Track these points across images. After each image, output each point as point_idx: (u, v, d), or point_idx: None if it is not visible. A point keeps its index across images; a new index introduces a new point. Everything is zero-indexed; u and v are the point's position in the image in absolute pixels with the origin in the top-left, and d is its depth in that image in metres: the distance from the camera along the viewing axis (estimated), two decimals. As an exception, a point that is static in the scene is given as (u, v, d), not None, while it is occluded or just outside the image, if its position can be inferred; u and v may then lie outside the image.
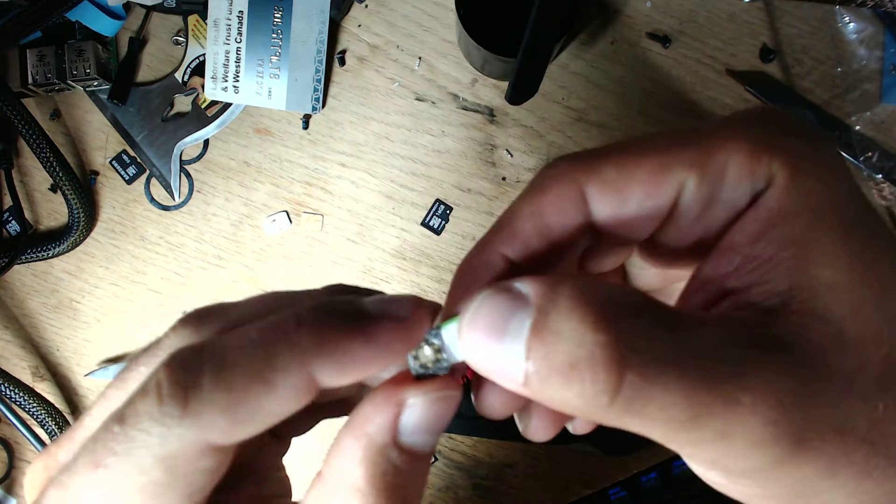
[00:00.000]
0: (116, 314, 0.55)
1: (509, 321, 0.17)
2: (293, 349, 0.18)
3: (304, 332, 0.18)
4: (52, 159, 0.51)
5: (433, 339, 0.20)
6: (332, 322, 0.19)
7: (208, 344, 0.19)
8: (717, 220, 0.19)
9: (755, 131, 0.19)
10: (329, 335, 0.18)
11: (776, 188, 0.18)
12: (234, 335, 0.19)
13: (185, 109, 0.54)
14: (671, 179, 0.19)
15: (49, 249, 0.54)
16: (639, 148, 0.20)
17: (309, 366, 0.18)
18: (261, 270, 0.55)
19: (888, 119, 0.51)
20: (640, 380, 0.16)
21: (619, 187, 0.19)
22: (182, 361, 0.18)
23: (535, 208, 0.20)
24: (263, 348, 0.18)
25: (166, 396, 0.17)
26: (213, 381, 0.17)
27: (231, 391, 0.17)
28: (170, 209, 0.55)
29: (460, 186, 0.54)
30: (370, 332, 0.19)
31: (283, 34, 0.52)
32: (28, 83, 0.52)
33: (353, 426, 0.19)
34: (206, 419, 0.17)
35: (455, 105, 0.53)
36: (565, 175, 0.20)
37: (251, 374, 0.18)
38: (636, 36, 0.53)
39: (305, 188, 0.54)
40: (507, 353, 0.17)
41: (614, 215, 0.20)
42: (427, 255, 0.54)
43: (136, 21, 0.54)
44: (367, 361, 0.19)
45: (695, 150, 0.19)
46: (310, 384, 0.18)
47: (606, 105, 0.53)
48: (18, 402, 0.51)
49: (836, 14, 0.51)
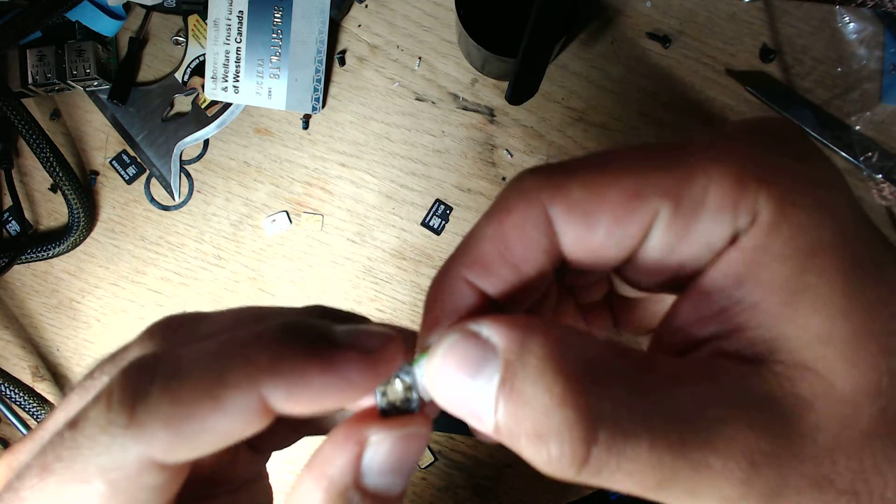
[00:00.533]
0: (116, 314, 0.55)
1: (478, 371, 0.17)
2: (246, 367, 0.17)
3: (261, 350, 0.17)
4: (52, 159, 0.51)
5: (404, 375, 0.19)
6: (293, 344, 0.18)
7: (165, 354, 0.18)
8: (693, 255, 0.18)
9: (743, 154, 0.17)
10: (286, 357, 0.17)
11: (760, 226, 0.16)
12: (194, 347, 0.18)
13: (185, 109, 0.54)
14: (643, 208, 0.17)
15: (49, 249, 0.54)
16: (613, 167, 0.18)
17: (260, 386, 0.17)
18: (261, 270, 0.55)
19: (888, 119, 0.51)
20: (607, 453, 0.15)
21: (586, 211, 0.18)
22: (137, 369, 0.17)
23: (497, 230, 0.19)
24: (217, 362, 0.17)
25: (115, 403, 0.17)
26: (161, 392, 0.17)
27: (177, 404, 0.17)
28: (170, 209, 0.55)
29: (460, 186, 0.54)
30: (331, 361, 0.18)
31: (283, 34, 0.52)
32: (28, 83, 0.52)
33: (314, 467, 0.18)
34: (149, 432, 0.16)
35: (455, 105, 0.53)
36: (530, 194, 0.18)
37: (200, 389, 0.17)
38: (636, 36, 0.53)
39: (305, 188, 0.54)
40: (478, 402, 0.17)
41: (581, 241, 0.18)
42: (427, 255, 0.54)
43: (136, 21, 0.54)
44: (324, 391, 0.17)
45: (673, 176, 0.17)
46: (261, 406, 0.17)
47: (606, 105, 0.53)
48: (18, 402, 0.51)
49: (836, 14, 0.51)
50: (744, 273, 0.17)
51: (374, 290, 0.54)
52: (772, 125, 0.19)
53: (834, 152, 0.51)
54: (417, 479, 0.54)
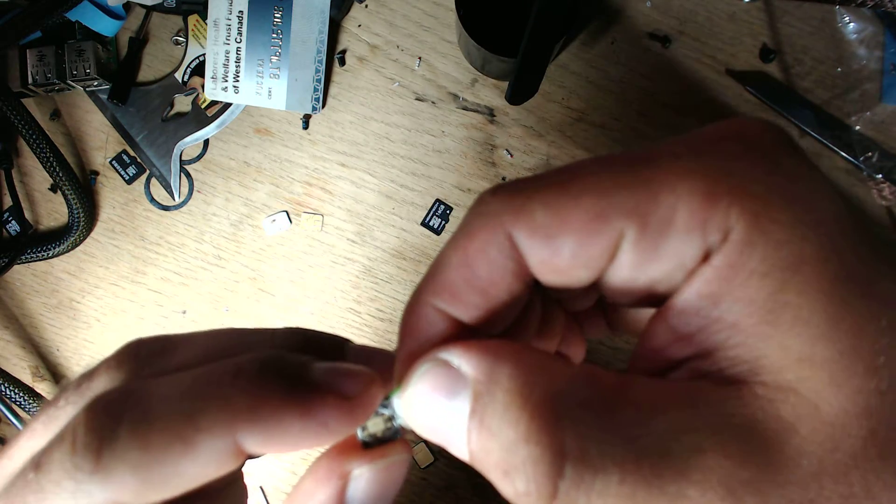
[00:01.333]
0: (116, 314, 0.55)
1: (450, 401, 0.17)
2: (222, 409, 0.17)
3: (238, 392, 0.17)
4: (52, 159, 0.51)
5: (383, 409, 0.19)
6: (271, 386, 0.17)
7: (136, 389, 0.17)
8: (665, 274, 0.17)
9: (712, 167, 0.16)
10: (264, 400, 0.17)
11: (733, 244, 0.16)
12: (167, 382, 0.17)
13: (185, 109, 0.54)
14: (607, 230, 0.17)
15: (49, 249, 0.54)
16: (575, 186, 0.17)
17: (236, 431, 0.17)
18: (261, 270, 0.55)
19: (888, 119, 0.51)
20: (576, 488, 0.15)
21: (549, 234, 0.17)
22: (104, 407, 0.17)
23: (461, 257, 0.18)
24: (192, 402, 0.17)
25: (80, 446, 0.16)
26: (130, 435, 0.16)
27: (147, 449, 0.16)
28: (170, 209, 0.55)
29: (460, 186, 0.54)
30: (309, 407, 0.17)
31: (283, 34, 0.52)
32: (28, 83, 0.52)
33: (296, 502, 0.18)
34: (116, 478, 0.16)
35: (455, 105, 0.53)
36: (492, 218, 0.18)
37: (172, 432, 0.16)
38: (636, 36, 0.53)
39: (305, 188, 0.54)
40: (452, 431, 0.17)
41: (547, 263, 0.18)
42: (427, 255, 0.54)
43: (136, 21, 0.54)
44: (300, 436, 0.17)
45: (637, 194, 0.16)
46: (234, 450, 0.17)
47: (606, 105, 0.53)
48: (18, 402, 0.51)
49: (836, 14, 0.51)
50: (719, 292, 0.16)
51: (374, 290, 0.54)
52: (747, 131, 0.17)
53: (834, 152, 0.51)
54: (417, 479, 0.54)
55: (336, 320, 0.54)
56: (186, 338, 0.21)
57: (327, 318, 0.54)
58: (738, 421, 0.15)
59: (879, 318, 0.15)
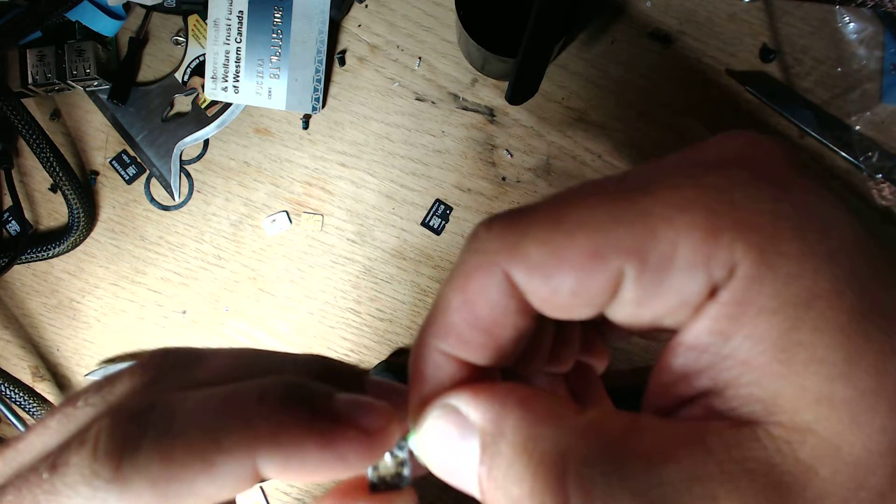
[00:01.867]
0: (116, 314, 0.55)
1: (460, 448, 0.17)
2: (245, 433, 0.17)
3: (262, 417, 0.17)
4: (52, 159, 0.51)
5: (398, 451, 0.19)
6: (294, 413, 0.17)
7: (162, 402, 0.17)
8: (671, 309, 0.16)
9: (714, 198, 0.15)
10: (286, 427, 0.17)
11: (739, 279, 0.15)
12: (192, 398, 0.17)
13: (185, 109, 0.54)
14: (605, 268, 0.16)
15: (49, 249, 0.54)
16: (570, 221, 0.16)
17: (256, 455, 0.17)
18: (261, 270, 0.55)
19: (888, 119, 0.51)
20: None
21: (546, 274, 0.16)
22: (129, 416, 0.17)
23: (462, 300, 0.18)
24: (215, 422, 0.17)
25: (101, 453, 0.16)
26: (152, 448, 0.16)
27: (168, 465, 0.16)
28: (170, 209, 0.55)
29: (460, 186, 0.54)
30: (330, 438, 0.17)
31: (283, 34, 0.52)
32: (28, 83, 0.52)
33: None
34: (134, 490, 0.16)
35: (455, 105, 0.53)
36: (488, 257, 0.17)
37: (193, 450, 0.16)
38: (636, 36, 0.53)
39: (305, 188, 0.54)
40: (464, 476, 0.17)
41: (547, 301, 0.17)
42: (427, 255, 0.54)
43: (136, 21, 0.54)
44: (318, 466, 0.17)
45: (635, 231, 0.15)
46: (252, 473, 0.17)
47: (606, 105, 0.53)
48: (18, 402, 0.51)
49: (836, 14, 0.51)
50: (728, 329, 0.15)
51: (374, 290, 0.54)
52: (752, 151, 0.16)
53: (834, 152, 0.51)
54: (418, 479, 0.54)
55: (336, 320, 0.54)
56: (213, 353, 0.21)
57: (327, 318, 0.54)
58: (754, 465, 0.14)
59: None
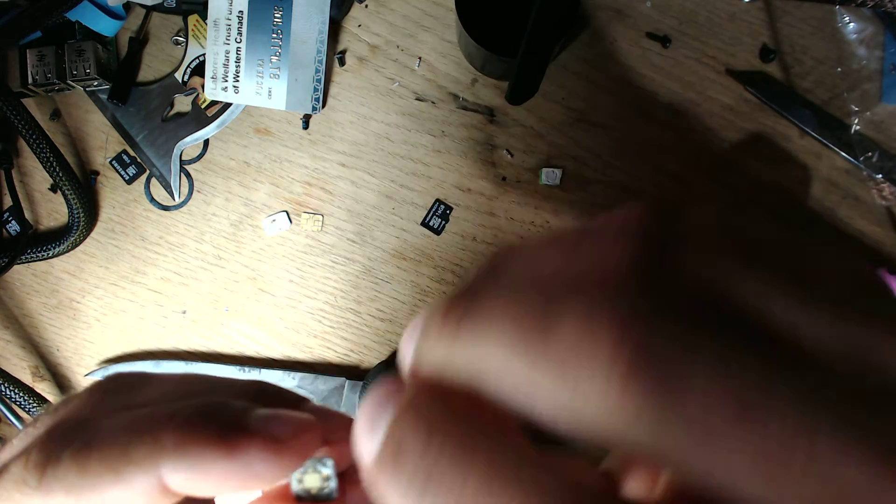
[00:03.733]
0: (116, 314, 0.55)
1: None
2: (151, 445, 0.17)
3: (169, 430, 0.18)
4: (52, 159, 0.51)
5: (321, 467, 0.18)
6: (202, 426, 0.18)
7: (90, 420, 0.19)
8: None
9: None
10: (191, 439, 0.17)
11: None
12: (117, 416, 0.19)
13: (185, 109, 0.54)
14: None
15: (49, 249, 0.54)
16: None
17: (160, 466, 0.17)
18: (261, 270, 0.55)
19: (888, 119, 0.51)
20: None
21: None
22: (60, 432, 0.18)
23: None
24: (126, 436, 0.18)
25: (31, 464, 0.18)
26: (70, 460, 0.17)
27: (83, 474, 0.17)
28: (170, 209, 0.55)
29: (460, 186, 0.54)
30: (235, 447, 0.17)
31: (283, 34, 0.52)
32: (28, 83, 0.52)
33: None
34: (54, 496, 0.17)
35: (455, 105, 0.53)
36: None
37: (105, 462, 0.17)
38: (636, 36, 0.53)
39: (305, 188, 0.54)
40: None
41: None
42: (427, 255, 0.54)
43: (136, 21, 0.54)
44: (224, 476, 0.17)
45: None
46: (160, 486, 0.17)
47: (606, 105, 0.53)
48: (18, 402, 0.51)
49: (836, 14, 0.51)
50: None
51: (374, 290, 0.54)
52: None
53: (834, 152, 0.51)
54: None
55: (336, 320, 0.54)
56: (158, 378, 0.22)
57: (327, 318, 0.54)
58: None
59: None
